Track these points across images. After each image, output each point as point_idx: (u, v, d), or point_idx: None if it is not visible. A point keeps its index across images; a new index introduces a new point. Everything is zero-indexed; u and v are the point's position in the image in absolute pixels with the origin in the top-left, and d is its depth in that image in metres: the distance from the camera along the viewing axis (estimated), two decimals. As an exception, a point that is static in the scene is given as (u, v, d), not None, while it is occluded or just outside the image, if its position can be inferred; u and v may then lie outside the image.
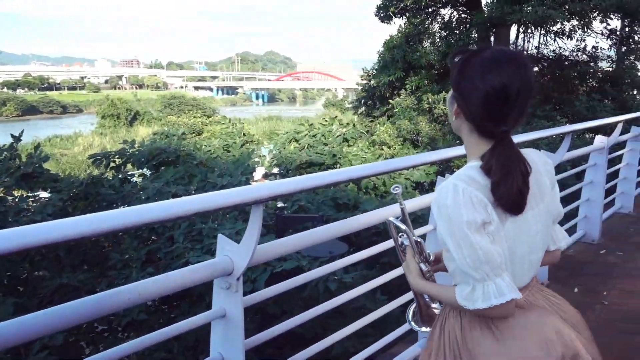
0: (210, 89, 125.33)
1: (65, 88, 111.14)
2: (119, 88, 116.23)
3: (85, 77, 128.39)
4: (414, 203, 2.78)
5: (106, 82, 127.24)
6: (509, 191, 1.38)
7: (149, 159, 8.23)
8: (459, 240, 1.35)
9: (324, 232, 2.25)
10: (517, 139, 3.86)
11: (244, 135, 19.90)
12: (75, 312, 1.49)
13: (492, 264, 1.36)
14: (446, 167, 12.65)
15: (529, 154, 1.53)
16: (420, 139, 17.08)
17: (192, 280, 1.80)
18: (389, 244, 2.40)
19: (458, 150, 2.85)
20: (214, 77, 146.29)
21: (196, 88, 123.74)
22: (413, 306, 1.75)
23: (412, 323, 1.76)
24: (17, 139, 7.21)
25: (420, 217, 5.58)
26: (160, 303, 5.90)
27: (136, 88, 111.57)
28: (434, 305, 1.71)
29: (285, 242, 2.07)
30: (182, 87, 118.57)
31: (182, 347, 5.14)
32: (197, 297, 5.37)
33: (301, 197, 7.25)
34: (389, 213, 2.33)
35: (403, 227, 1.62)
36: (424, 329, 1.74)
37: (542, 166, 1.54)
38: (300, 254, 5.34)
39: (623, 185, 6.27)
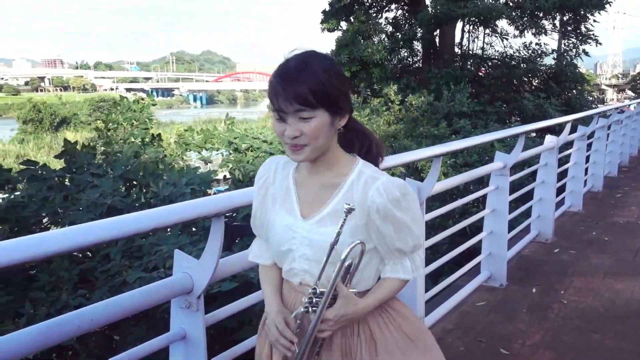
0: (144, 91, 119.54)
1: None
2: (41, 90, 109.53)
3: (3, 78, 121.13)
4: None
5: (26, 83, 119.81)
6: None
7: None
8: (420, 221, 1.51)
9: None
10: (476, 140, 3.85)
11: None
12: (19, 344, 1.32)
13: None
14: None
15: None
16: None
17: (148, 301, 1.65)
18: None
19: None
20: (148, 78, 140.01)
21: (128, 90, 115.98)
22: None
23: None
24: None
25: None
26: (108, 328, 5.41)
27: (61, 90, 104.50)
28: None
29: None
30: (112, 89, 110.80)
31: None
32: (158, 319, 4.97)
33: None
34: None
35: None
36: None
37: None
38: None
39: (572, 184, 6.43)
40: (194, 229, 6.03)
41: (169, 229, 5.58)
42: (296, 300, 1.50)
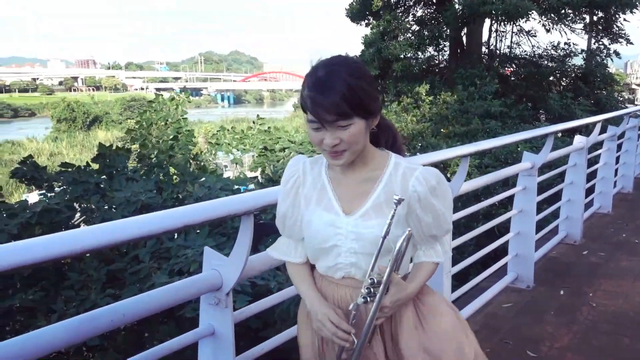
0: (173, 91, 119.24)
1: (16, 90, 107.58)
2: (74, 90, 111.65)
3: (38, 78, 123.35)
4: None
5: (60, 83, 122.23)
6: None
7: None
8: (452, 206, 1.60)
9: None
10: (505, 140, 3.81)
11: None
12: (53, 337, 1.35)
13: None
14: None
15: None
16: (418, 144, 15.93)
17: (178, 298, 1.67)
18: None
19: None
20: (177, 78, 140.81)
21: (158, 90, 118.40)
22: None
23: None
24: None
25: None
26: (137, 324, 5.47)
27: (93, 90, 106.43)
28: None
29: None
30: (142, 89, 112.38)
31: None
32: (185, 318, 5.02)
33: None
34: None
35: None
36: None
37: None
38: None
39: (602, 185, 6.31)
40: (222, 231, 6.09)
41: (198, 230, 5.64)
42: (337, 293, 1.53)
